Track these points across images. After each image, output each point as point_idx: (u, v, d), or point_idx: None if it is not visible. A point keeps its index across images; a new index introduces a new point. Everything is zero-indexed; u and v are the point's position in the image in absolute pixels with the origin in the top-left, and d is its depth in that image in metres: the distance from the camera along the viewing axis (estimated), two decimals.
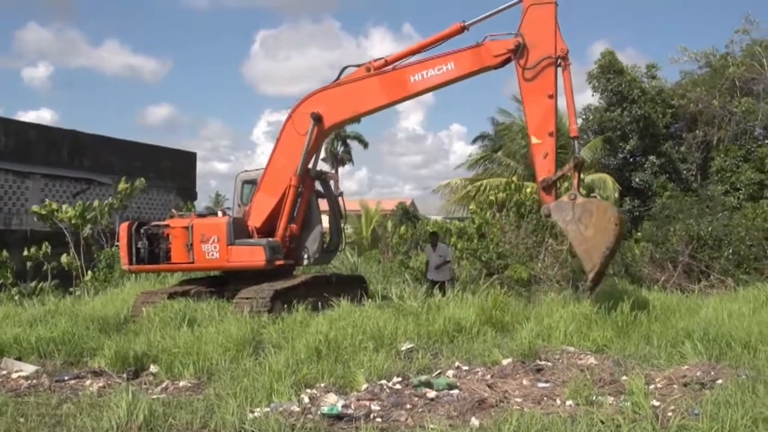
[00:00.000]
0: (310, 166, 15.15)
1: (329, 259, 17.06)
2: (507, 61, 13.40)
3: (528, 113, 13.47)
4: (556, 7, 13.07)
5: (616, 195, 29.10)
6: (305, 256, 15.40)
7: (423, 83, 13.83)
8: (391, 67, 14.33)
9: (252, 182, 15.60)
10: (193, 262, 14.63)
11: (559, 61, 12.96)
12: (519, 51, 13.14)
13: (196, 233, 14.46)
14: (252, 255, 14.35)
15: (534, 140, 13.15)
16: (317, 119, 14.33)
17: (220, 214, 15.57)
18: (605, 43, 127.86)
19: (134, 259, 14.76)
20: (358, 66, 14.77)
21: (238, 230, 14.49)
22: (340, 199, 16.15)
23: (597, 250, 12.33)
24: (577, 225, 12.49)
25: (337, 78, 14.86)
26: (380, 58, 14.49)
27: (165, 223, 15.11)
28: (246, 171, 16.19)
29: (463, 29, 14.04)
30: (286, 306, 12.92)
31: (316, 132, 14.52)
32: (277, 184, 14.77)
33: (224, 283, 14.85)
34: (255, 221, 14.88)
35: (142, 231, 14.86)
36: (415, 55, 14.45)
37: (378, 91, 14.21)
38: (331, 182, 16.27)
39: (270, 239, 14.47)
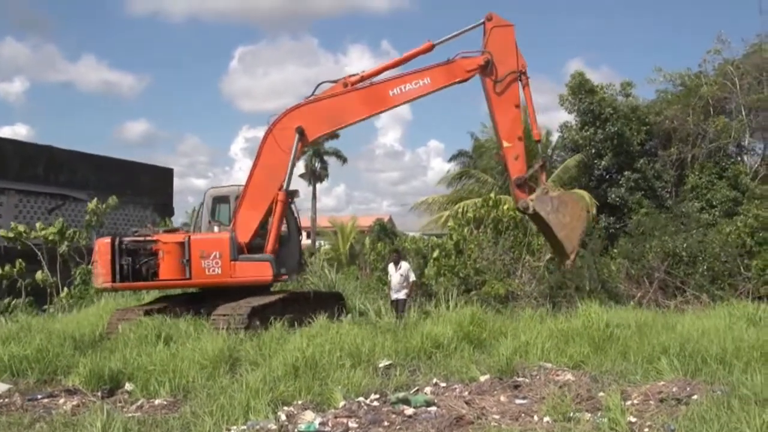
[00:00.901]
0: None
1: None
2: (474, 75, 15.07)
3: (499, 122, 15.15)
4: (514, 28, 15.00)
5: (594, 211, 29.35)
6: (283, 271, 15.32)
7: (401, 96, 14.94)
8: (368, 82, 15.11)
9: (223, 198, 15.45)
10: (189, 278, 14.44)
11: (520, 75, 14.92)
12: (488, 67, 14.87)
13: (195, 249, 14.31)
14: (259, 270, 14.61)
15: (506, 144, 15.02)
16: (301, 133, 14.68)
17: (216, 229, 15.41)
18: (580, 61, 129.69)
19: (118, 276, 14.33)
20: (334, 81, 15.21)
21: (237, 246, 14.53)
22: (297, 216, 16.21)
23: (575, 234, 14.74)
24: (556, 215, 14.67)
25: (313, 93, 15.17)
26: (355, 74, 15.13)
27: (152, 238, 14.73)
28: (215, 187, 15.91)
29: (432, 47, 15.25)
30: (263, 323, 12.85)
31: (300, 146, 14.78)
32: (261, 200, 14.78)
33: (201, 300, 14.71)
34: (243, 237, 14.73)
35: (124, 247, 14.47)
36: (388, 70, 15.41)
37: (359, 105, 15.00)
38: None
39: (269, 254, 14.57)
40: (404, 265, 16.43)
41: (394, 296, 16.26)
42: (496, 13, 14.80)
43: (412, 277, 16.29)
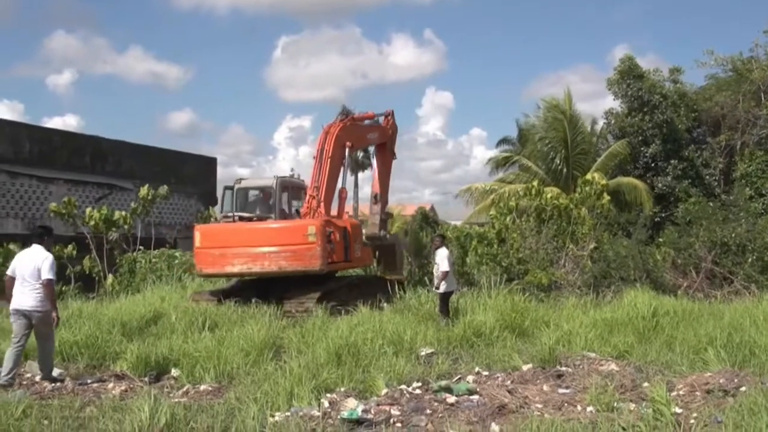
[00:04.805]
0: None
1: None
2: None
3: (386, 178, 19.52)
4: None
5: (650, 201, 28.97)
6: None
7: (369, 141, 19.69)
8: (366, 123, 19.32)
9: (288, 188, 16.46)
10: (349, 261, 15.92)
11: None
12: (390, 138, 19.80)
13: (353, 234, 15.96)
14: (369, 255, 18.01)
15: (378, 191, 18.91)
16: (350, 147, 17.31)
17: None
18: (625, 48, 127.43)
19: (327, 259, 14.84)
20: (345, 115, 18.82)
21: None
22: None
23: (401, 268, 19.82)
24: (400, 250, 19.87)
25: (341, 114, 18.12)
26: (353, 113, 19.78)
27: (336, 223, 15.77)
28: (283, 177, 16.44)
29: (374, 116, 19.57)
30: (334, 305, 13.52)
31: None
32: (330, 198, 16.39)
33: (265, 287, 15.09)
34: None
35: (327, 231, 15.03)
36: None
37: (364, 137, 18.98)
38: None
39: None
40: (439, 253, 14.25)
41: (436, 288, 14.19)
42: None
43: (444, 266, 13.82)
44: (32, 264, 9.23)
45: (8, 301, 9.43)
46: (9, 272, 9.45)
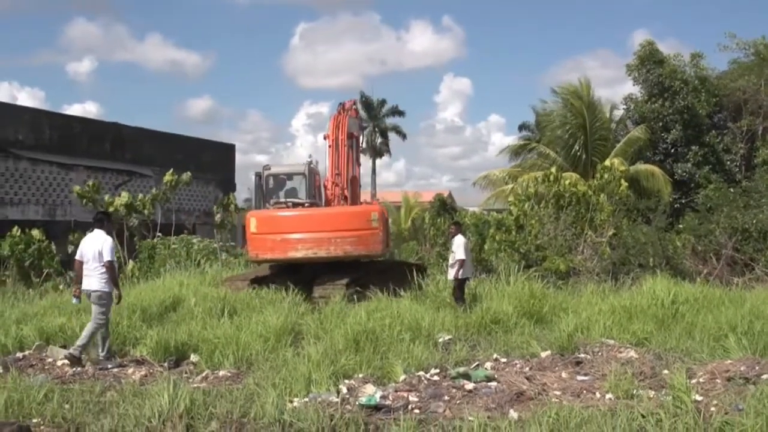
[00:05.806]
0: None
1: None
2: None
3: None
4: None
5: (667, 187, 28.69)
6: None
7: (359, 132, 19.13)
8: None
9: (314, 175, 16.69)
10: (388, 246, 16.43)
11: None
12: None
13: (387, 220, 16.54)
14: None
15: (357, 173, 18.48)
16: (354, 137, 17.75)
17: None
18: (645, 33, 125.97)
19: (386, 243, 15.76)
20: (342, 104, 18.02)
21: None
22: None
23: None
24: None
25: (339, 107, 17.78)
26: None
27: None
28: (310, 164, 16.70)
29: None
30: (360, 290, 13.69)
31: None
32: (346, 185, 16.88)
33: (297, 272, 15.26)
34: None
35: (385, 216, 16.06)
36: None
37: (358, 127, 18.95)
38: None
39: None
40: (455, 241, 14.32)
41: (448, 275, 14.45)
42: None
43: (459, 255, 13.85)
44: (94, 248, 10.09)
45: (77, 283, 10.28)
46: (77, 256, 10.29)
